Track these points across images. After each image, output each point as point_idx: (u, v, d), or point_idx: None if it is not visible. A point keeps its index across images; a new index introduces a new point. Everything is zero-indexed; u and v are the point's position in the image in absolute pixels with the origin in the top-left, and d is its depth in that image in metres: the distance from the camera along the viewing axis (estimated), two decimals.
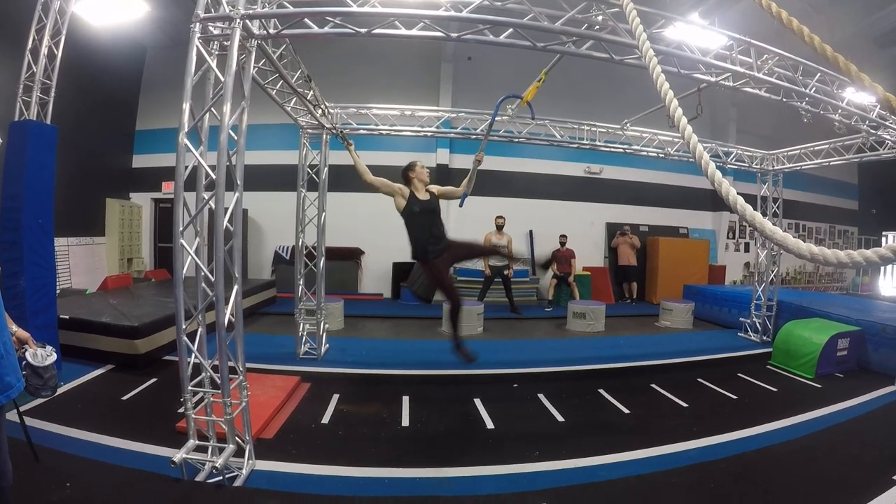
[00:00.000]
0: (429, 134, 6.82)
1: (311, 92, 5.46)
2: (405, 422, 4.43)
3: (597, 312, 8.69)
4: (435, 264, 4.30)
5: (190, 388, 3.24)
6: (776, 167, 7.82)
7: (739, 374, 6.10)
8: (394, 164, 11.22)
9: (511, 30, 3.73)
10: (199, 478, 3.15)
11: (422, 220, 4.28)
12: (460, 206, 4.67)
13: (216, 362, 3.20)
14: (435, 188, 4.51)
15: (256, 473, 3.35)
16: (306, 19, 3.61)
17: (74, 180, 8.76)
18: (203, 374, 3.34)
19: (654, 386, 5.56)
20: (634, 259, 11.52)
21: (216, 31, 3.34)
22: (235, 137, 3.28)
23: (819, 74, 4.68)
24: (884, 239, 15.14)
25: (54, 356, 2.58)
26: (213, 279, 3.14)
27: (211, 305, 3.18)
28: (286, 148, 6.27)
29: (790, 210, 10.81)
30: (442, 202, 4.49)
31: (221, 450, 3.23)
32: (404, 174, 4.42)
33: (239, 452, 3.33)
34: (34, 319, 4.47)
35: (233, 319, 3.25)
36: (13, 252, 4.52)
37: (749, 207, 1.93)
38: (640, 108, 6.69)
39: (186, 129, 3.12)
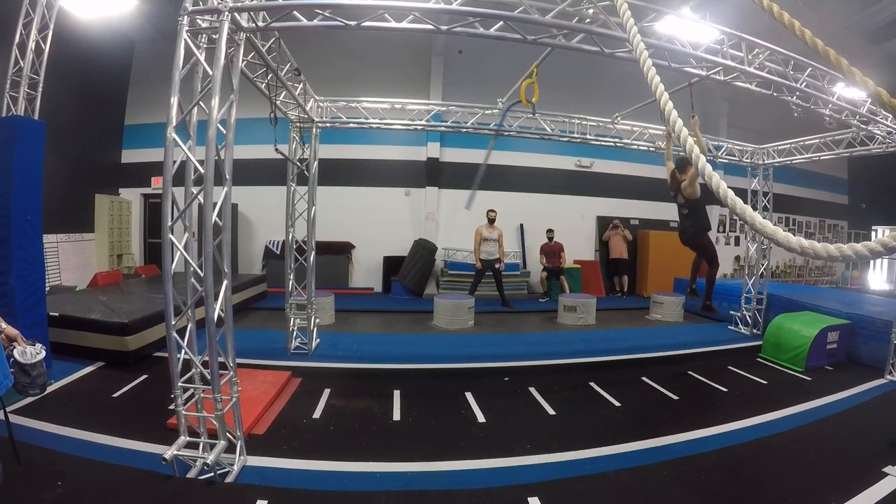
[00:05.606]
0: (419, 127, 6.76)
1: (301, 85, 5.42)
2: (396, 416, 4.43)
3: (587, 306, 8.73)
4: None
5: (180, 384, 3.23)
6: (766, 161, 7.85)
7: (729, 367, 6.16)
8: (384, 158, 11.36)
9: (501, 23, 3.71)
10: (191, 474, 3.14)
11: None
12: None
13: (206, 358, 3.18)
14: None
15: (248, 469, 3.35)
16: (295, 12, 3.58)
17: (63, 176, 8.70)
18: (193, 370, 3.32)
19: (644, 379, 5.60)
20: (626, 252, 11.59)
21: (204, 24, 3.30)
22: (224, 131, 3.25)
23: (810, 69, 4.70)
24: (873, 233, 15.27)
25: (43, 353, 2.54)
26: (202, 274, 3.12)
27: (201, 301, 3.16)
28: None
29: (780, 204, 10.89)
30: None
31: (212, 446, 3.22)
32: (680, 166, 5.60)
33: (230, 448, 3.32)
34: (23, 317, 4.43)
35: (223, 315, 3.24)
36: (1, 249, 4.48)
37: (740, 201, 1.94)
38: (631, 101, 6.69)
39: (175, 124, 3.09)
